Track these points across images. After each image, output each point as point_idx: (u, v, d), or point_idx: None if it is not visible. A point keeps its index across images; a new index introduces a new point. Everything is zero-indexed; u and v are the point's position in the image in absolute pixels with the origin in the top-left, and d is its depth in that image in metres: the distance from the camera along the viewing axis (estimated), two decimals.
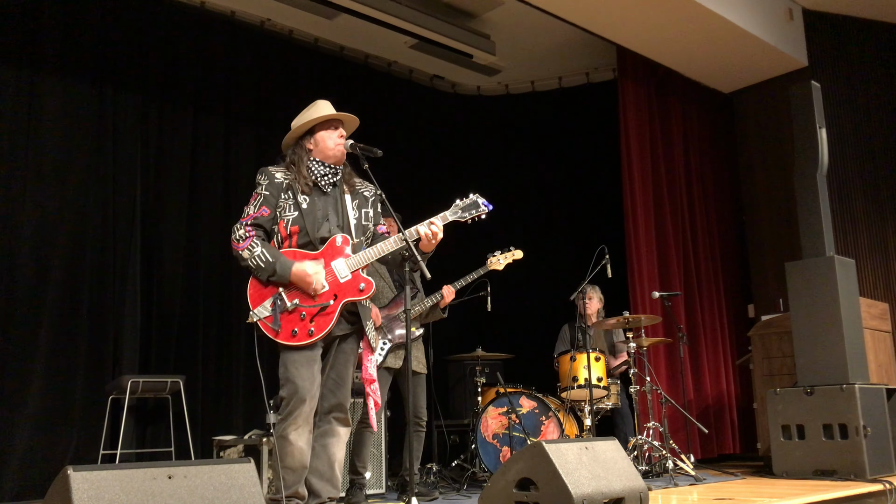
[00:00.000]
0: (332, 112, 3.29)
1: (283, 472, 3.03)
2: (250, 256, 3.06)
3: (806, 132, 5.21)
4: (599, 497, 2.92)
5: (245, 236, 3.10)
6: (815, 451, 4.71)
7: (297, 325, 3.04)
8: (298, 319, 3.05)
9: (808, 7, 6.83)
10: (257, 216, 3.13)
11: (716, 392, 6.63)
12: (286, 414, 3.04)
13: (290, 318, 3.05)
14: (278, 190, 3.16)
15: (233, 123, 6.01)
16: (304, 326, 3.04)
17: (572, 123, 7.57)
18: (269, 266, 3.03)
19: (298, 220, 3.13)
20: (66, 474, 1.95)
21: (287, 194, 3.16)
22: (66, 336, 4.99)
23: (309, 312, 3.05)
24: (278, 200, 3.15)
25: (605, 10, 5.81)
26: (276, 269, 3.03)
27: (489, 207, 3.32)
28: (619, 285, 5.94)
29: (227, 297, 5.72)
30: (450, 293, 4.50)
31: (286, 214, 3.14)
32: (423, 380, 4.57)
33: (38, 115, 5.09)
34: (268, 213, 3.14)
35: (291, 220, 3.14)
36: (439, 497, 4.49)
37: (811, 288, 4.96)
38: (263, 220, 3.14)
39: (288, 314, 3.05)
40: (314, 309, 3.05)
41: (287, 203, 3.15)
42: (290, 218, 3.14)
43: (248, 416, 5.50)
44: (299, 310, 3.05)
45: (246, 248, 3.07)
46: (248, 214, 3.15)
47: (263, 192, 3.16)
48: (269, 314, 3.05)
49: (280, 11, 6.12)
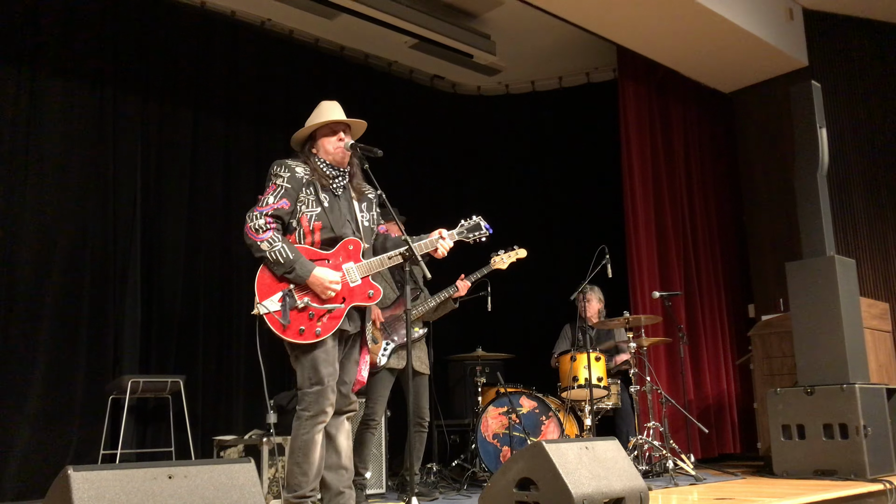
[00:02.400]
0: (334, 117, 3.29)
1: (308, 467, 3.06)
2: (270, 250, 3.04)
3: (806, 132, 5.21)
4: (600, 497, 2.92)
5: (265, 227, 3.07)
6: (816, 450, 4.71)
7: (305, 324, 3.05)
8: (307, 318, 3.06)
9: (808, 7, 6.83)
10: (278, 208, 3.11)
11: (716, 392, 6.63)
12: (317, 411, 3.06)
13: (299, 316, 3.06)
14: (299, 184, 3.15)
15: (233, 123, 6.01)
16: (311, 326, 3.06)
17: (572, 123, 7.57)
18: (289, 264, 3.04)
19: (322, 216, 3.14)
20: (66, 474, 1.95)
21: (309, 190, 3.16)
22: (66, 336, 5.00)
23: (317, 313, 3.07)
24: (299, 195, 3.15)
25: (605, 10, 5.81)
26: (294, 268, 3.04)
27: (489, 231, 3.46)
28: (620, 285, 5.93)
29: (227, 297, 5.72)
30: (464, 286, 4.55)
31: (308, 210, 3.14)
32: (425, 380, 4.57)
33: (38, 115, 5.09)
34: (288, 206, 3.13)
35: (315, 216, 3.14)
36: (440, 497, 4.50)
37: (811, 288, 4.96)
38: (283, 212, 3.13)
39: (297, 311, 3.05)
40: (323, 310, 3.08)
41: (309, 198, 3.15)
42: (314, 214, 3.14)
43: (249, 416, 5.50)
44: (309, 309, 3.07)
45: (266, 240, 3.05)
46: (268, 204, 3.11)
47: (285, 185, 3.14)
48: (278, 309, 3.04)
49: (280, 11, 6.12)
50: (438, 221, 7.25)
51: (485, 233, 3.44)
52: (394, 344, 4.28)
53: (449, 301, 4.59)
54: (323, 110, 3.32)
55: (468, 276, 4.58)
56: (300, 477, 3.06)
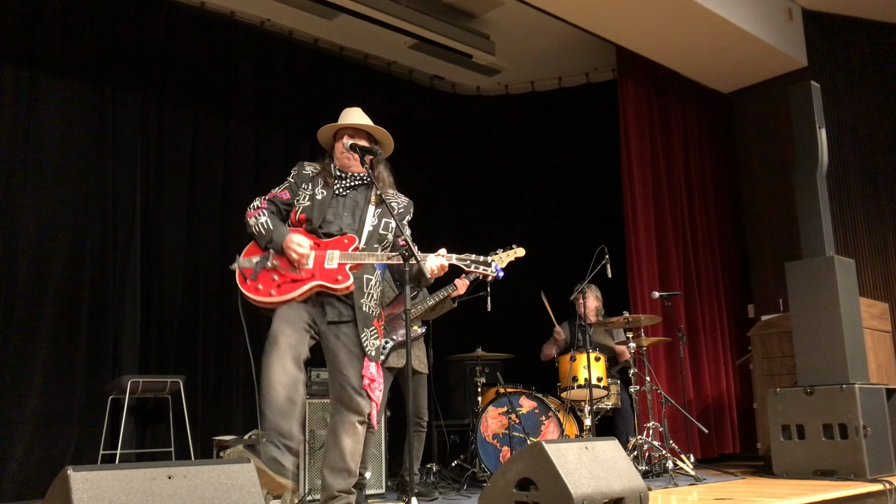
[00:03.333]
0: (348, 121, 3.41)
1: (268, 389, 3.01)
2: (255, 223, 3.24)
3: (806, 132, 5.21)
4: (599, 497, 2.92)
5: (258, 206, 3.29)
6: (815, 451, 4.71)
7: (267, 284, 3.16)
8: (270, 279, 3.17)
9: (807, 7, 6.83)
10: (276, 195, 3.34)
11: (716, 392, 6.64)
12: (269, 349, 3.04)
13: (264, 276, 3.17)
14: (303, 180, 3.34)
15: (233, 123, 6.01)
16: (270, 285, 3.16)
17: (572, 123, 7.57)
18: (268, 233, 3.20)
19: (308, 209, 3.26)
20: (65, 474, 1.95)
21: (308, 185, 3.32)
22: (66, 336, 5.00)
23: (282, 277, 3.16)
24: (299, 189, 3.32)
25: (604, 10, 5.81)
26: (272, 237, 3.18)
27: (499, 275, 3.33)
28: (619, 285, 5.93)
29: (227, 297, 5.71)
30: (463, 285, 4.56)
31: (301, 202, 3.30)
32: (424, 380, 4.57)
33: (38, 115, 5.09)
34: (286, 197, 3.32)
35: (302, 209, 3.28)
36: (439, 497, 4.50)
37: (811, 288, 4.96)
38: (280, 200, 3.33)
39: (266, 271, 3.17)
40: (288, 276, 3.15)
41: (305, 193, 3.31)
42: (302, 206, 3.29)
43: (248, 416, 5.50)
44: (276, 271, 3.17)
45: (254, 216, 3.26)
46: (271, 192, 3.35)
47: (290, 180, 3.37)
48: (249, 266, 3.19)
49: (280, 12, 6.12)
50: (439, 221, 7.29)
51: (492, 272, 3.29)
52: (392, 343, 4.29)
53: (447, 300, 4.59)
54: (343, 115, 3.47)
55: (467, 275, 4.58)
56: (262, 404, 3.04)
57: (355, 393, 3.12)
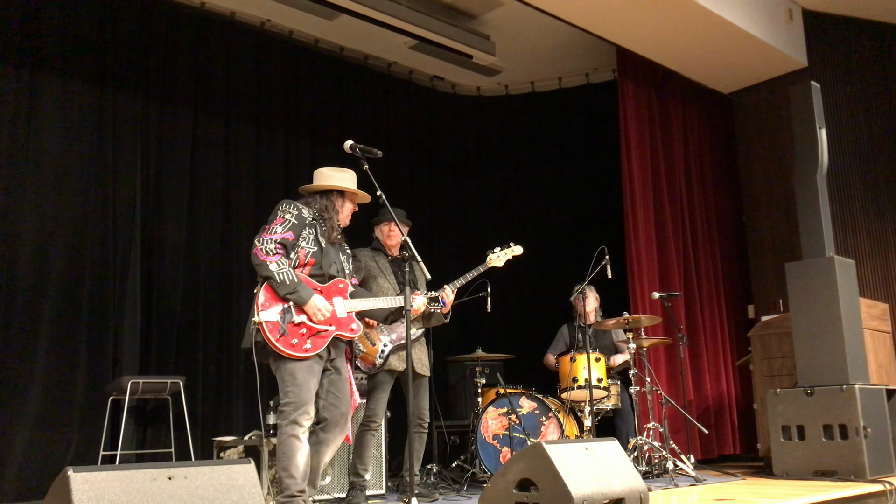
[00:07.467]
0: (354, 187, 3.76)
1: (294, 470, 3.39)
2: (278, 271, 3.46)
3: (806, 132, 5.21)
4: (600, 498, 2.92)
5: (275, 251, 3.50)
6: (815, 451, 4.71)
7: (298, 338, 3.44)
8: (299, 333, 3.45)
9: (807, 7, 6.83)
10: (284, 237, 3.56)
11: (716, 392, 6.64)
12: (295, 417, 3.39)
13: (293, 330, 3.45)
14: (303, 224, 3.62)
15: (233, 123, 6.01)
16: (302, 340, 3.46)
17: (572, 124, 7.57)
18: (293, 286, 3.46)
19: (317, 255, 3.62)
20: (66, 475, 1.95)
21: (310, 231, 3.63)
22: (66, 336, 4.99)
23: (310, 331, 3.49)
24: (302, 232, 3.60)
25: (605, 10, 5.81)
26: (297, 290, 3.46)
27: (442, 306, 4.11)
28: (619, 285, 5.93)
29: (227, 298, 5.72)
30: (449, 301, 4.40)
31: (307, 246, 3.61)
32: (425, 381, 4.55)
33: (38, 115, 5.09)
34: (292, 239, 3.57)
35: (311, 253, 3.60)
36: (439, 498, 4.49)
37: (811, 288, 4.95)
38: (288, 242, 3.57)
39: (293, 325, 3.45)
40: (315, 329, 3.49)
41: (309, 237, 3.62)
42: (311, 251, 3.61)
43: (248, 416, 5.50)
44: (304, 325, 3.47)
45: (275, 262, 3.48)
46: (277, 232, 3.55)
47: (293, 221, 3.59)
48: (276, 319, 3.42)
49: (280, 12, 6.12)
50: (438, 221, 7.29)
51: (438, 306, 4.01)
52: (391, 345, 4.27)
53: (439, 315, 4.46)
54: (348, 178, 3.75)
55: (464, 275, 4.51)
56: (287, 480, 3.38)
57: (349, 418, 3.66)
